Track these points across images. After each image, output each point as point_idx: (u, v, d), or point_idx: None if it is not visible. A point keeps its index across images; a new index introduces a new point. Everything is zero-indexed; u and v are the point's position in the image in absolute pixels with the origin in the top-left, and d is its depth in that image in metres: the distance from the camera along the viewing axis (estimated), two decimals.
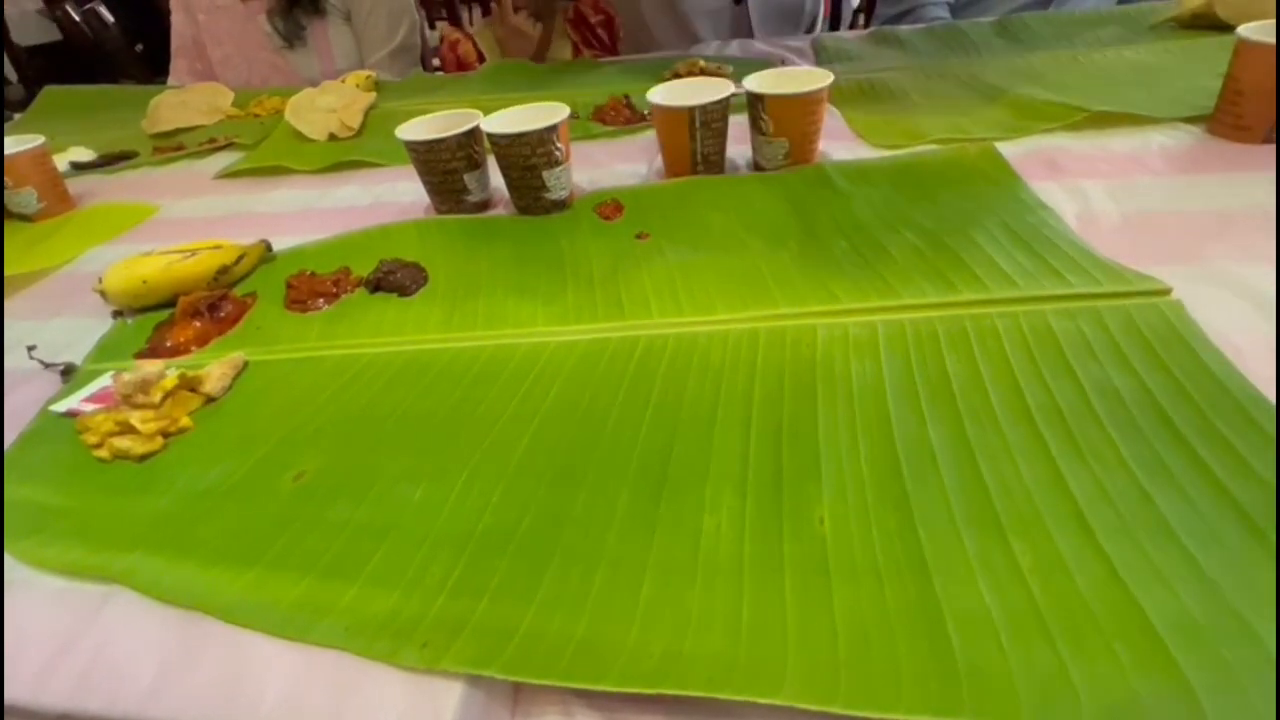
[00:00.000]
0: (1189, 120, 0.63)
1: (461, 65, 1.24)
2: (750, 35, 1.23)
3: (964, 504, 0.32)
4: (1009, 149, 0.62)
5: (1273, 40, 0.55)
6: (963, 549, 0.30)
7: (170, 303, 0.55)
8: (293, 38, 1.18)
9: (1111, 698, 0.24)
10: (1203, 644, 0.26)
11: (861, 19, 1.43)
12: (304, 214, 0.74)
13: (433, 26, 1.65)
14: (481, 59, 1.24)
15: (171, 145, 0.97)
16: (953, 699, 0.25)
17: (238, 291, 0.58)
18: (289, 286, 0.56)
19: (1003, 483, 0.33)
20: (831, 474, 0.35)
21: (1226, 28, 0.76)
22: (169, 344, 0.52)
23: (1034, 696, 0.25)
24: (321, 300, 0.55)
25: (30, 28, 2.43)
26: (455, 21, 1.39)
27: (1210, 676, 0.25)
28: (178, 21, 1.26)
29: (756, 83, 0.62)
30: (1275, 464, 0.31)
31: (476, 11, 1.50)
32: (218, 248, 0.59)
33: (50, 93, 1.24)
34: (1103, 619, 0.27)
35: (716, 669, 0.27)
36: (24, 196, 0.77)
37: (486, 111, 0.64)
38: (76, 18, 1.64)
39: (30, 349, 0.52)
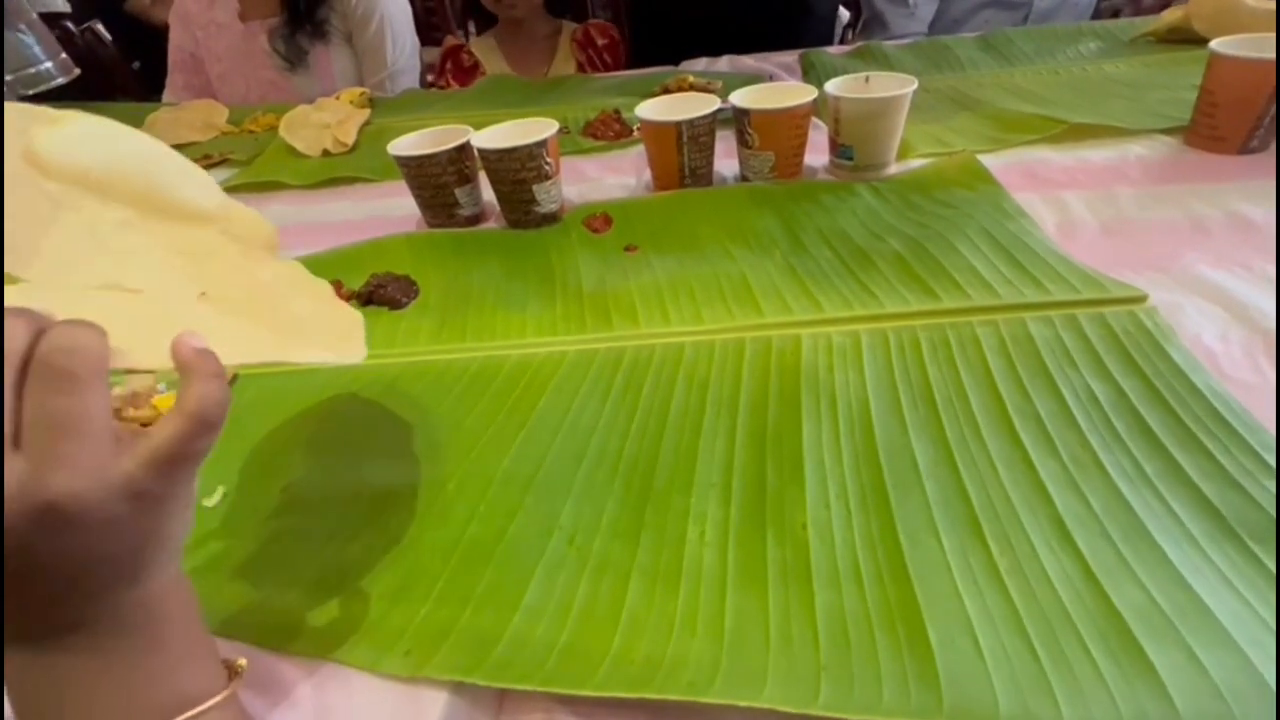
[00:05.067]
0: (1166, 132, 0.64)
1: (459, 71, 1.25)
2: None
3: (944, 509, 0.33)
4: (991, 160, 0.63)
5: (1245, 54, 0.56)
6: (942, 553, 0.31)
7: None
8: (295, 60, 1.19)
9: (1087, 698, 0.25)
10: (1176, 643, 0.26)
11: (850, 34, 1.45)
12: (297, 229, 0.74)
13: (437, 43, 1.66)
14: (477, 68, 1.26)
15: None
16: (932, 702, 0.25)
17: None
18: None
19: (982, 488, 0.33)
20: (815, 481, 0.35)
21: (1202, 41, 0.77)
22: None
23: (1011, 698, 0.25)
24: None
25: None
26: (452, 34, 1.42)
27: (1184, 675, 0.25)
28: (175, 36, 1.27)
29: (742, 97, 0.63)
30: (1276, 465, 0.32)
31: (471, 27, 1.53)
32: None
33: None
34: (1079, 620, 0.27)
35: (699, 674, 0.27)
36: None
37: (478, 127, 0.65)
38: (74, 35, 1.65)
39: None
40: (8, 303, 0.22)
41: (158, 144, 0.32)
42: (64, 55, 1.13)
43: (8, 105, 0.28)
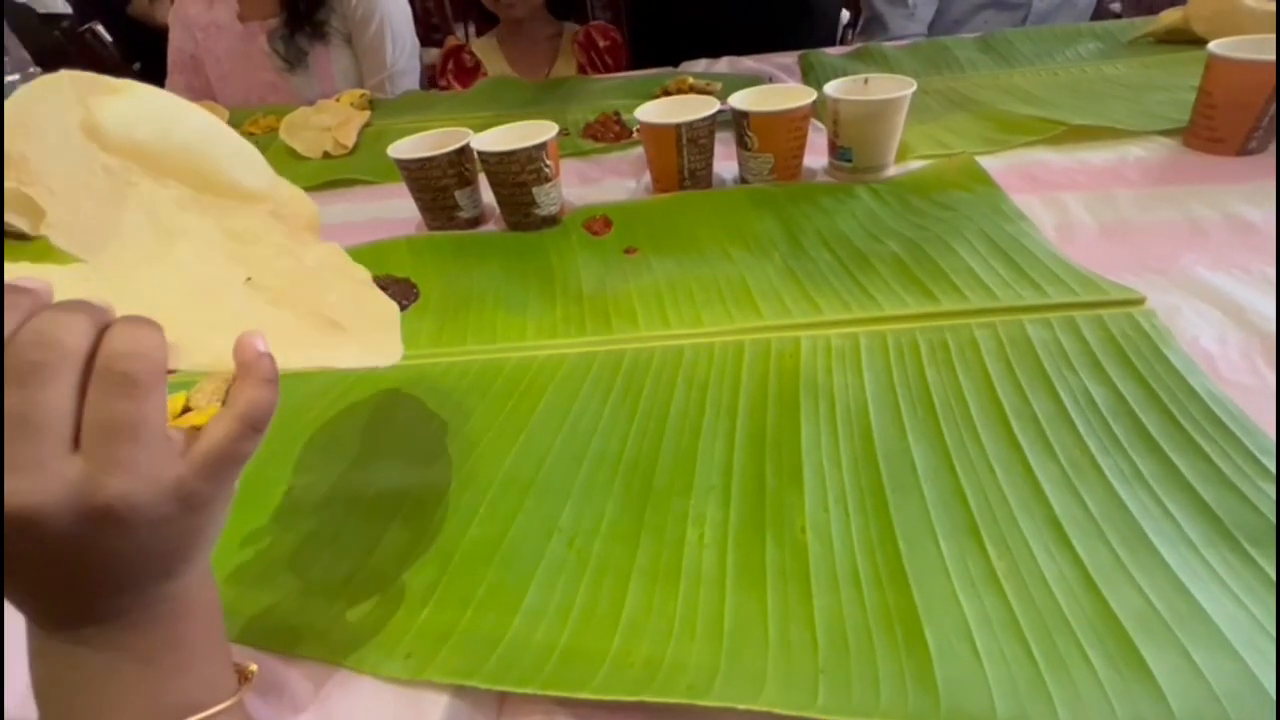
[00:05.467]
0: (1165, 133, 0.65)
1: (461, 71, 1.26)
2: None
3: (942, 512, 0.33)
4: (990, 162, 0.63)
5: (1243, 56, 0.56)
6: (940, 557, 0.31)
7: None
8: (295, 61, 1.20)
9: (1084, 702, 0.25)
10: (1173, 647, 0.26)
11: (850, 35, 1.45)
12: None
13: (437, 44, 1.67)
14: (479, 68, 1.26)
15: None
16: (929, 705, 0.25)
17: None
18: None
19: (980, 491, 0.34)
20: (814, 483, 0.35)
21: (1201, 42, 0.78)
22: None
23: (1008, 701, 0.25)
24: None
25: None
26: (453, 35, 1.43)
27: (1181, 679, 0.25)
28: (176, 38, 1.27)
29: (741, 99, 0.63)
30: (1275, 468, 0.32)
31: (472, 28, 1.53)
32: None
33: None
34: (1076, 624, 0.27)
35: (698, 676, 0.27)
36: None
37: (478, 129, 0.65)
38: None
39: None
40: (67, 292, 0.22)
41: (212, 118, 0.31)
42: (32, 67, 1.14)
43: (63, 74, 0.27)
